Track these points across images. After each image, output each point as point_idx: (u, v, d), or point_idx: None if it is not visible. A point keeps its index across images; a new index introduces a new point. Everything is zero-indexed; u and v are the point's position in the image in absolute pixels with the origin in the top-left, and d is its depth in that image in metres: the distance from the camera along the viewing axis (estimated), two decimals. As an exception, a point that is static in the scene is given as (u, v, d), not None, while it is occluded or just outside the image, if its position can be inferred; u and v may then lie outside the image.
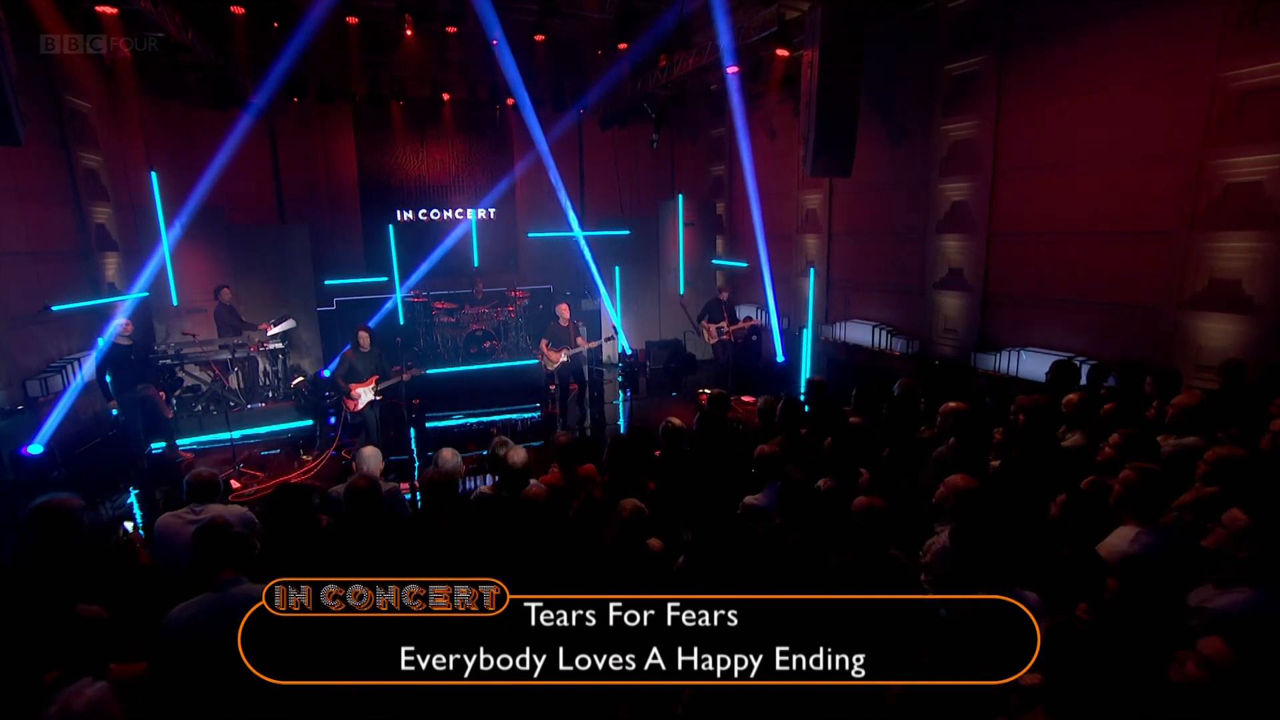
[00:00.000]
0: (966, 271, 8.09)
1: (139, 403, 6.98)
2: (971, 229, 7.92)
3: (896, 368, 9.14)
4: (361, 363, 7.07)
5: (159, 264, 9.30)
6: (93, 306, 8.65)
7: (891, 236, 9.36)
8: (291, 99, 11.43)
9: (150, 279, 9.23)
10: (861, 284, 10.09)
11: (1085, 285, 6.74)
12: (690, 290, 11.96)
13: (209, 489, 3.29)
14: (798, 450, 3.97)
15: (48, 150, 8.39)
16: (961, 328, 8.23)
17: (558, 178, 11.29)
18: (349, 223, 12.72)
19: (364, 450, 3.81)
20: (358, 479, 3.04)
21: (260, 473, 6.89)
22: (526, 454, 3.47)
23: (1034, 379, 7.10)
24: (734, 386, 9.87)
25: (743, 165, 10.68)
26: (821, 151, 7.89)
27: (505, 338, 11.08)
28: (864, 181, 9.23)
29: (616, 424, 8.92)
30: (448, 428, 8.92)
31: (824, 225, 10.63)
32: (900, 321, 9.37)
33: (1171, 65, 5.81)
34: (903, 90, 8.78)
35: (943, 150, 8.13)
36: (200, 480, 3.30)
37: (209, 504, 3.21)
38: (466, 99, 12.51)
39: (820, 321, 10.68)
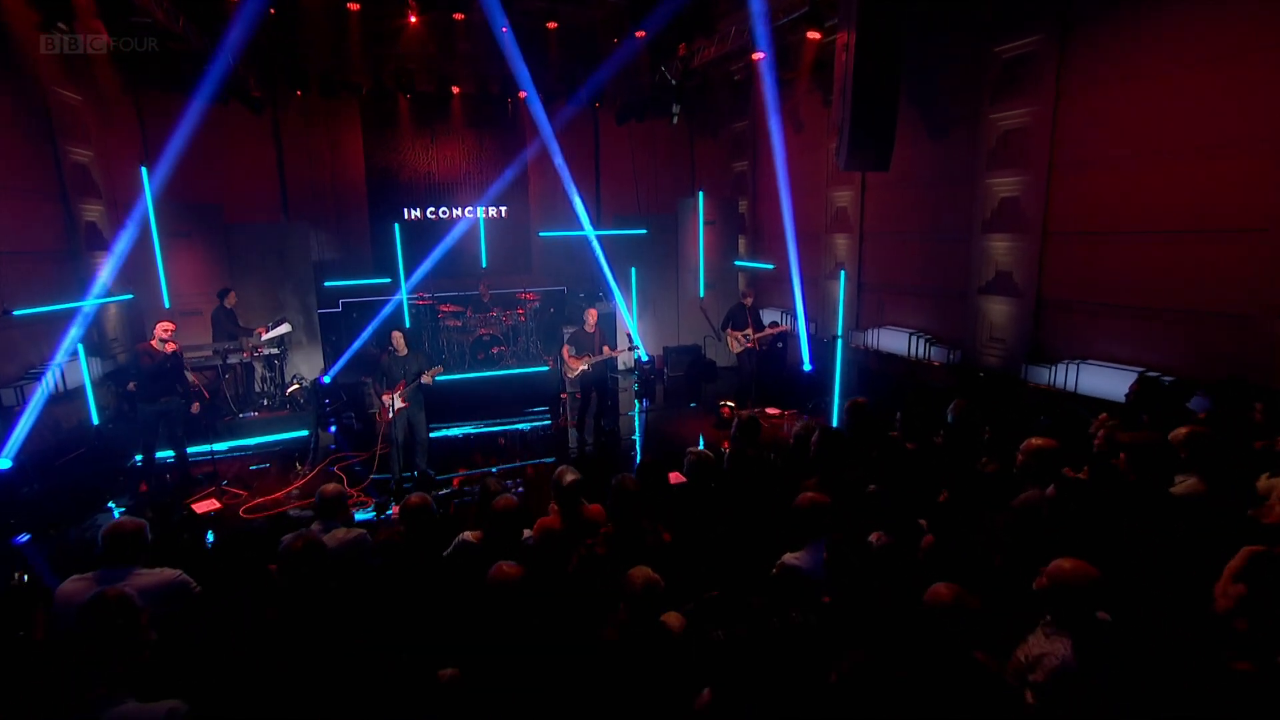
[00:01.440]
0: (1016, 275, 7.34)
1: (161, 416, 6.35)
2: (1023, 228, 7.16)
3: (936, 379, 8.42)
4: (398, 368, 6.32)
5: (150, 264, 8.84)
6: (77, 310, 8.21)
7: (930, 236, 8.62)
8: (295, 92, 10.96)
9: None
10: (896, 287, 9.36)
11: (1158, 290, 5.97)
12: (711, 293, 11.29)
13: (127, 546, 2.64)
14: (839, 491, 3.31)
15: (32, 144, 7.96)
16: (1010, 337, 7.48)
17: (568, 174, 10.66)
18: (356, 222, 12.23)
19: (326, 487, 3.21)
20: (295, 539, 2.43)
21: (245, 490, 6.36)
22: (515, 501, 2.84)
23: (1096, 395, 6.35)
24: (757, 397, 9.19)
25: (770, 159, 10.02)
26: (857, 143, 7.18)
27: (514, 343, 10.51)
28: (900, 177, 8.51)
29: (631, 438, 8.28)
30: (454, 439, 8.36)
31: (855, 224, 9.91)
32: (940, 329, 8.63)
33: (1267, 38, 5.04)
34: (945, 76, 8.04)
35: (990, 141, 7.38)
36: (117, 535, 2.63)
37: (133, 567, 2.62)
38: (476, 93, 11.97)
39: (850, 327, 9.96)
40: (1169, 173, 5.79)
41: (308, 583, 2.36)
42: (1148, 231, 6.00)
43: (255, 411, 8.20)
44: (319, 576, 2.38)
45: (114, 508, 6.49)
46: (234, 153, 10.93)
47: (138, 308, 9.17)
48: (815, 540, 2.96)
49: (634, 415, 9.14)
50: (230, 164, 10.88)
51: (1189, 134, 5.61)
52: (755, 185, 12.36)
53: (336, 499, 3.16)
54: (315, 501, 3.16)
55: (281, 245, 9.62)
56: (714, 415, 8.75)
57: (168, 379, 6.24)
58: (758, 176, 12.26)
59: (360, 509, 6.07)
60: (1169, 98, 5.72)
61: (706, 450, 3.71)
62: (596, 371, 7.60)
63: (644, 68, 11.61)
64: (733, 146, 12.90)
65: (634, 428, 8.75)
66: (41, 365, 7.78)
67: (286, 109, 11.26)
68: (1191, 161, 5.62)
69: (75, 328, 6.07)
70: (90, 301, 7.06)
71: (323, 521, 3.12)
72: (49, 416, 7.66)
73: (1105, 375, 6.26)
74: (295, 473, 6.92)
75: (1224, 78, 5.34)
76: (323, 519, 3.13)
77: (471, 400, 9.27)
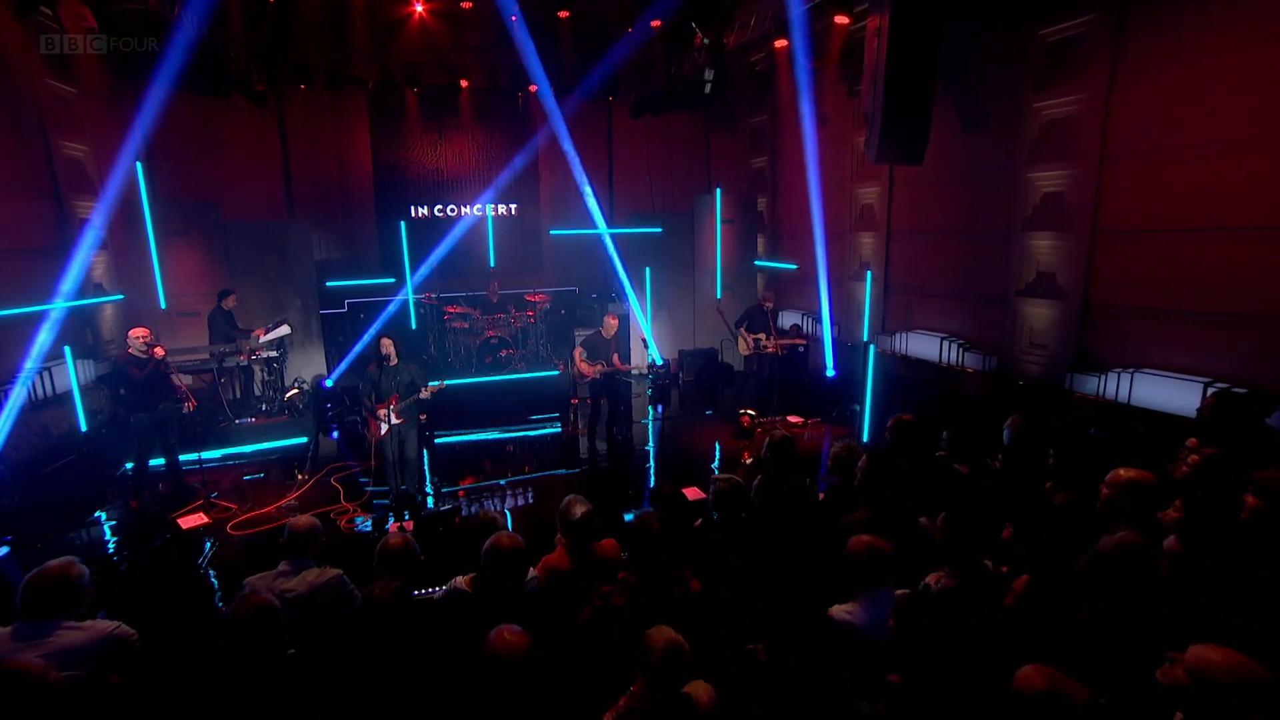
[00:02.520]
0: (1060, 276, 6.82)
1: (156, 425, 5.96)
2: (1068, 225, 6.64)
3: (970, 387, 7.91)
4: (386, 379, 5.65)
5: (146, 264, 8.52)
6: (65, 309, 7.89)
7: (964, 235, 8.10)
8: (299, 86, 10.62)
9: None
10: (926, 289, 8.84)
11: (1226, 293, 5.44)
12: (729, 294, 10.82)
13: (53, 595, 2.22)
14: (893, 528, 2.85)
15: (21, 137, 7.65)
16: (1052, 342, 6.96)
17: (580, 168, 10.23)
18: (363, 219, 11.88)
19: (297, 521, 2.77)
20: (241, 601, 1.99)
21: (235, 504, 5.98)
22: (518, 542, 2.40)
23: (1152, 408, 5.83)
24: (779, 404, 8.72)
25: (791, 154, 9.56)
26: (889, 135, 6.71)
27: (523, 346, 10.09)
28: (932, 172, 7.99)
29: (645, 448, 7.84)
30: (460, 445, 7.96)
31: (882, 223, 9.40)
32: (974, 333, 8.12)
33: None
34: (982, 63, 7.52)
35: (1032, 132, 6.87)
36: (39, 585, 2.22)
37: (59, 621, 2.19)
38: (486, 86, 11.57)
39: (876, 331, 9.46)
40: (1240, 164, 5.26)
41: (258, 653, 1.94)
42: (1214, 228, 5.47)
43: (252, 418, 7.84)
44: (271, 645, 1.96)
45: (102, 518, 6.14)
46: (236, 149, 10.61)
47: (134, 309, 8.85)
48: (870, 590, 2.51)
49: (648, 423, 8.69)
50: (232, 160, 10.57)
51: (1263, 120, 5.08)
52: (774, 182, 11.87)
53: (308, 535, 2.73)
54: (284, 537, 2.75)
55: (282, 244, 9.26)
56: (732, 423, 8.29)
57: (162, 385, 5.89)
58: (777, 172, 11.76)
59: (359, 522, 5.70)
60: (1241, 79, 5.19)
61: (735, 476, 3.25)
62: (609, 380, 7.16)
63: (659, 60, 11.17)
64: (751, 141, 12.42)
65: (647, 436, 8.31)
66: (30, 368, 7.46)
67: (291, 103, 10.92)
68: (1266, 151, 5.09)
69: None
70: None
71: (292, 561, 2.71)
72: (37, 422, 7.35)
73: (1164, 386, 5.74)
74: (291, 483, 6.55)
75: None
76: (292, 558, 2.71)
77: (478, 406, 8.87)
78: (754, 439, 7.85)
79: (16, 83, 7.39)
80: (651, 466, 7.33)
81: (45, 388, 7.43)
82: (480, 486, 6.55)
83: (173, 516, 5.79)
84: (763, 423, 8.17)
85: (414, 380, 5.71)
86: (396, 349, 5.69)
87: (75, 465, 7.09)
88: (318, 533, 2.79)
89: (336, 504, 6.02)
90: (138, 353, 5.71)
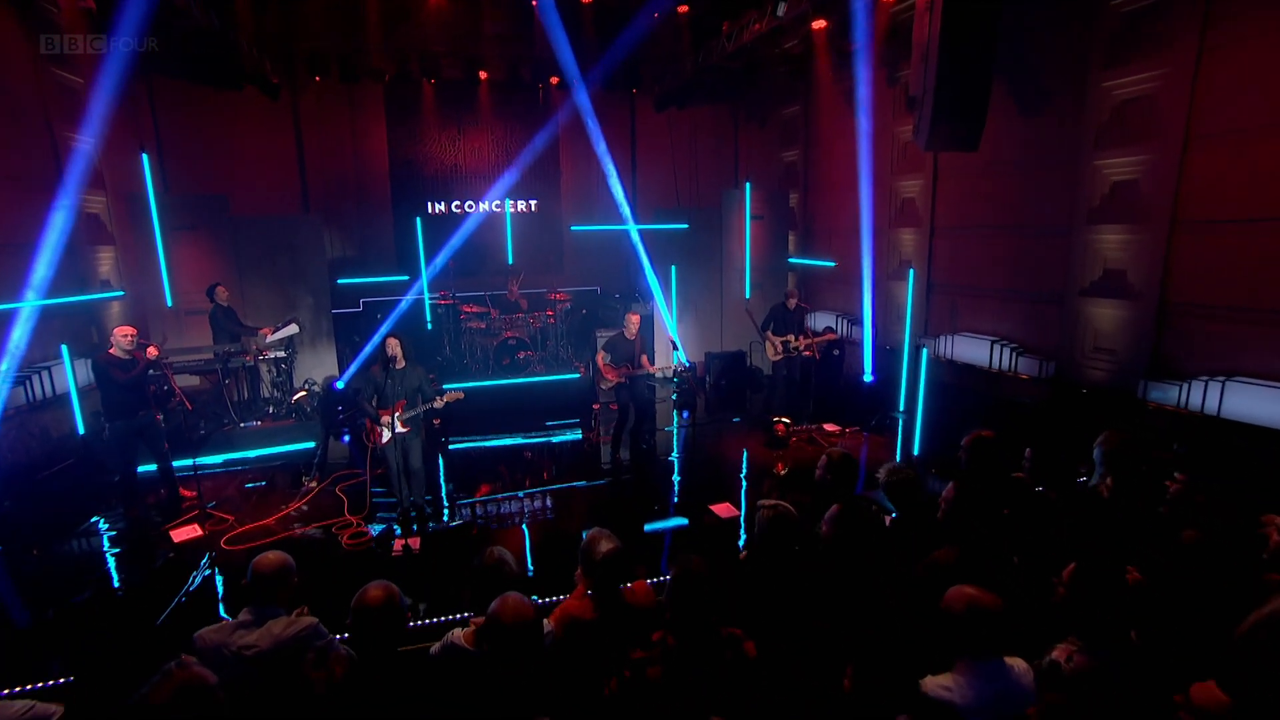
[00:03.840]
0: (1132, 273, 6.18)
1: (137, 433, 5.51)
2: (1142, 217, 6.00)
3: (1024, 394, 7.27)
4: (392, 383, 5.18)
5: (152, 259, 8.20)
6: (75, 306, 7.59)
7: (1018, 230, 7.47)
8: (314, 78, 10.29)
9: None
10: (974, 289, 8.21)
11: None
12: (758, 294, 10.26)
13: None
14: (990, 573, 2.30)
15: (28, 128, 7.36)
16: (1122, 346, 6.31)
17: (609, 160, 9.72)
18: (379, 215, 11.53)
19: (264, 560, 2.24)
20: (162, 682, 1.49)
21: (231, 515, 5.57)
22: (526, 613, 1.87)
23: (1248, 421, 5.17)
24: (815, 411, 8.15)
25: (825, 147, 8.99)
26: (942, 118, 6.11)
27: (543, 347, 9.63)
28: (983, 161, 7.40)
29: (669, 458, 7.31)
30: (475, 452, 7.51)
31: (924, 218, 8.79)
32: (1028, 336, 7.47)
33: None
34: (1042, 38, 6.89)
35: (1102, 115, 6.24)
36: None
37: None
38: (505, 79, 11.16)
39: (918, 334, 8.84)
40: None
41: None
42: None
43: (258, 421, 7.46)
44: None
45: (100, 523, 5.78)
46: (247, 142, 10.32)
47: (141, 306, 8.56)
48: (974, 658, 1.96)
49: (672, 430, 8.16)
50: (242, 154, 10.28)
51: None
52: (807, 176, 11.28)
53: (276, 576, 2.25)
54: (247, 577, 2.27)
55: (293, 239, 8.91)
56: (763, 431, 7.75)
57: (144, 390, 5.49)
58: (810, 166, 11.17)
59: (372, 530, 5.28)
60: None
61: (784, 503, 2.71)
62: (636, 384, 6.64)
63: (686, 51, 10.66)
64: (782, 134, 11.84)
65: (672, 445, 7.78)
66: (29, 367, 7.16)
67: (305, 96, 10.60)
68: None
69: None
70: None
71: (256, 608, 2.23)
72: (36, 424, 7.04)
73: (1264, 397, 5.08)
74: (294, 492, 6.14)
75: None
76: (256, 603, 2.23)
77: (495, 410, 8.41)
78: (788, 448, 7.31)
79: (22, 71, 7.11)
80: (678, 479, 6.80)
81: (46, 387, 7.13)
82: (496, 499, 6.08)
83: (166, 528, 5.39)
84: (797, 431, 7.61)
85: (421, 386, 5.24)
86: (405, 350, 5.22)
87: (73, 470, 6.78)
88: (289, 572, 2.30)
89: (340, 516, 5.58)
90: (121, 353, 5.31)
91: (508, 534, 5.40)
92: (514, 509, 5.87)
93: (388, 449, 5.24)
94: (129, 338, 5.39)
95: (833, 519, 2.59)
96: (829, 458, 3.06)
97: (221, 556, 4.99)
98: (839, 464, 3.02)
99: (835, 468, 2.96)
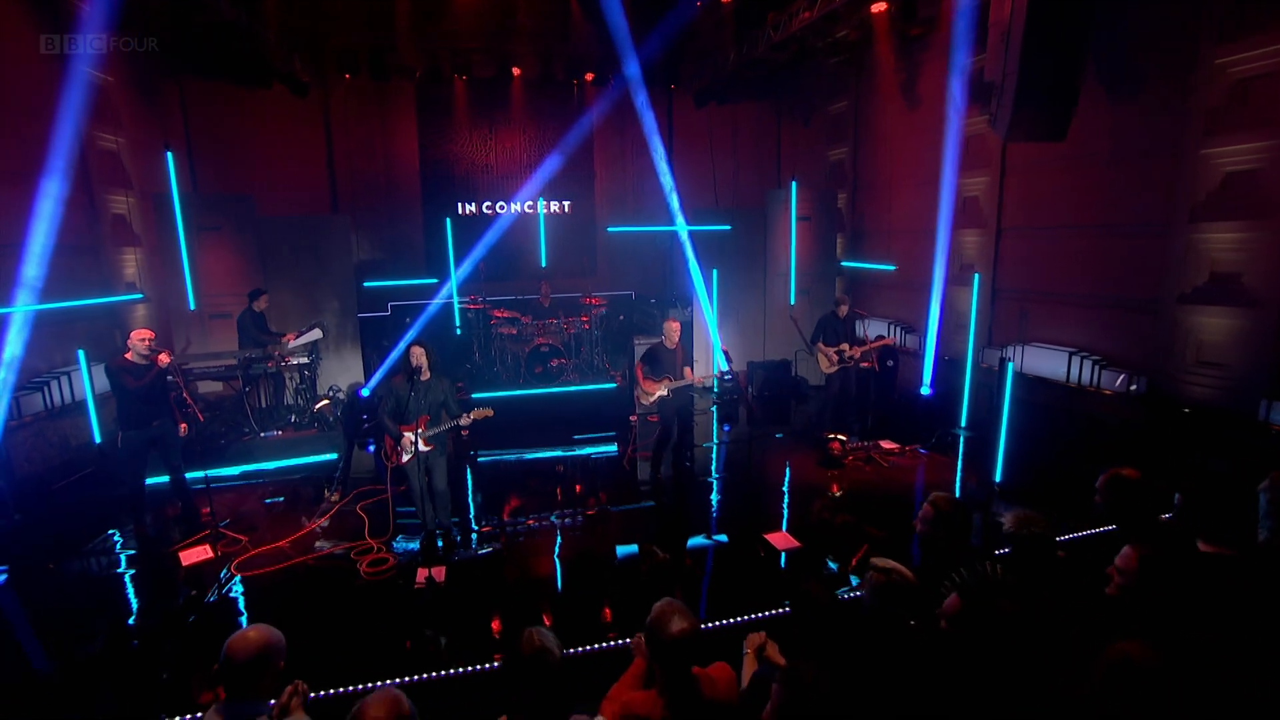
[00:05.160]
0: (1249, 277, 5.44)
1: (151, 444, 5.11)
2: (1264, 212, 5.27)
3: (1108, 412, 6.53)
4: (416, 397, 4.63)
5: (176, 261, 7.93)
6: (96, 309, 7.35)
7: (1102, 229, 6.76)
8: (344, 75, 10.02)
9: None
10: (1047, 295, 7.49)
11: None
12: (804, 300, 9.64)
13: None
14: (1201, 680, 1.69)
15: (52, 126, 7.13)
16: (1236, 360, 5.56)
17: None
18: (409, 216, 11.21)
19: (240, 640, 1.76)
20: None
21: (245, 536, 5.17)
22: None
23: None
24: (873, 425, 7.50)
25: (876, 143, 8.32)
26: (1025, 105, 5.47)
27: (576, 355, 9.14)
28: (1060, 154, 6.74)
29: (708, 478, 6.72)
30: (504, 466, 7.04)
31: (990, 217, 8.09)
32: (1114, 348, 6.74)
33: None
34: (1136, 13, 6.17)
35: (1215, 96, 5.52)
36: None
37: None
38: (538, 76, 10.75)
39: (981, 344, 8.13)
40: None
41: None
42: None
43: (279, 430, 7.11)
44: None
45: (116, 536, 5.43)
46: (277, 142, 10.08)
47: (164, 309, 8.31)
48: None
49: (714, 446, 7.58)
50: (269, 153, 10.05)
51: None
52: (856, 174, 10.63)
53: (254, 666, 1.74)
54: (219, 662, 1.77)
55: (319, 240, 8.57)
56: (810, 447, 7.13)
57: (162, 399, 5.13)
58: (860, 164, 10.52)
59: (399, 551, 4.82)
60: None
61: (900, 567, 2.13)
62: (679, 397, 6.09)
63: (728, 42, 10.12)
64: (829, 131, 11.21)
65: (710, 462, 7.19)
66: (49, 372, 6.92)
67: (335, 94, 10.33)
68: None
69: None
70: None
71: (229, 707, 1.73)
72: (55, 431, 6.79)
73: None
74: (313, 509, 5.73)
75: None
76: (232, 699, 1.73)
77: (526, 421, 7.94)
78: (844, 468, 6.68)
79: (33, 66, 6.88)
80: (719, 499, 6.22)
81: (66, 393, 6.87)
82: (527, 522, 5.58)
83: (175, 548, 5.01)
84: (854, 450, 6.98)
85: (447, 400, 4.76)
86: (430, 360, 4.74)
87: (90, 480, 6.49)
88: (270, 655, 1.80)
89: (359, 540, 5.13)
90: (138, 358, 4.96)
91: (539, 560, 4.90)
92: (547, 529, 5.36)
93: (409, 468, 4.78)
94: (145, 342, 5.04)
95: (956, 612, 1.92)
96: (936, 508, 2.46)
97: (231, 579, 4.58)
98: (950, 516, 2.42)
99: (946, 521, 2.36)
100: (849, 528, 5.27)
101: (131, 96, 8.39)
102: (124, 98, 8.21)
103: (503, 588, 4.52)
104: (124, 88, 8.20)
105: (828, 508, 5.74)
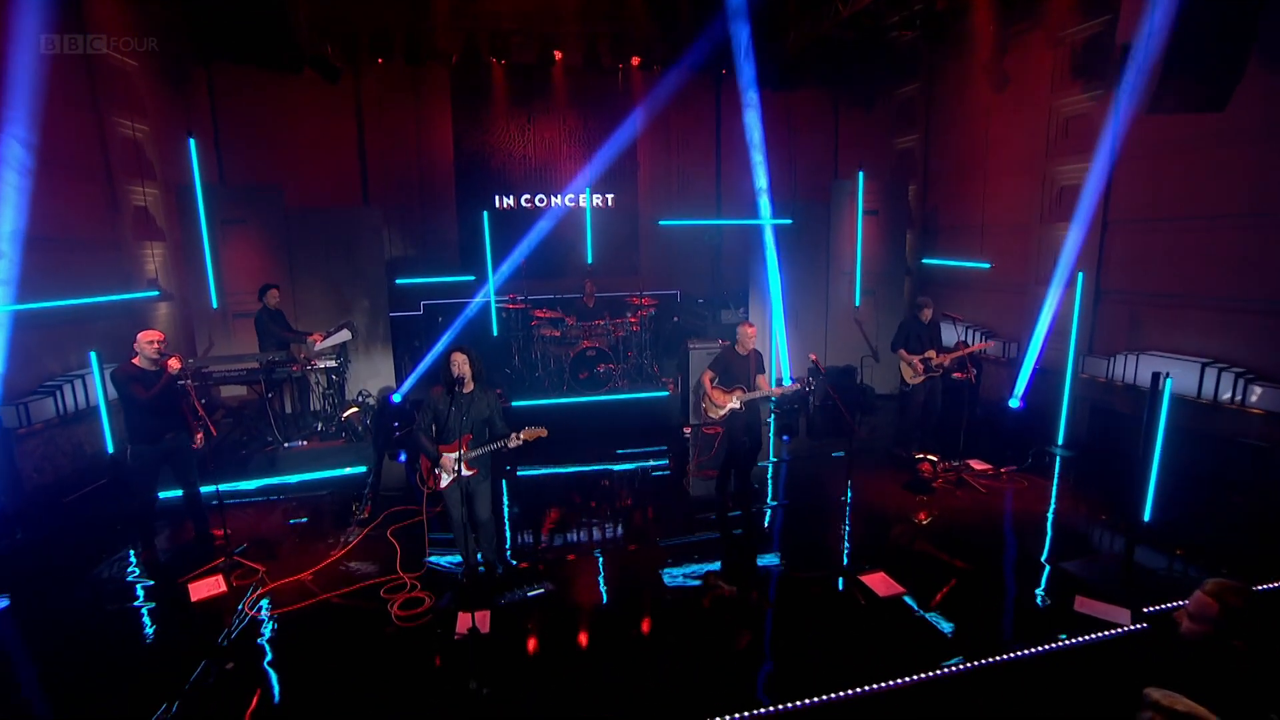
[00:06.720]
0: None
1: (163, 459, 4.57)
2: None
3: (1257, 436, 5.58)
4: (457, 411, 3.96)
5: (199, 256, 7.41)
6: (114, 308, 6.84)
7: (1245, 220, 5.82)
8: (376, 60, 9.44)
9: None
10: (1168, 297, 6.55)
11: None
12: (869, 301, 8.80)
13: None
14: None
15: (71, 113, 6.66)
16: None
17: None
18: (442, 209, 10.60)
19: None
20: None
21: (262, 565, 4.54)
22: None
23: None
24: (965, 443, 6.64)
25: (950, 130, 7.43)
26: (1175, 73, 4.61)
27: (624, 359, 8.42)
28: (1193, 132, 5.82)
29: (769, 504, 5.92)
30: (546, 482, 6.37)
31: (1094, 208, 7.14)
32: (1256, 359, 5.79)
33: None
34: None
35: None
36: None
37: None
38: (581, 61, 10.05)
39: (1082, 352, 7.21)
40: None
41: None
42: None
43: (303, 441, 6.52)
44: None
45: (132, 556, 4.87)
46: (306, 130, 9.54)
47: (186, 308, 7.81)
48: None
49: (767, 465, 6.75)
50: (297, 142, 9.50)
51: None
52: (927, 164, 9.74)
53: None
54: None
55: (350, 234, 8.00)
56: (882, 464, 6.33)
57: (173, 409, 4.55)
58: (932, 153, 9.63)
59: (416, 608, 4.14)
60: None
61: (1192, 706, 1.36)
62: (750, 411, 5.32)
63: (791, 19, 9.31)
64: (896, 118, 10.33)
65: (767, 482, 6.39)
66: (63, 374, 6.42)
67: (367, 79, 9.76)
68: None
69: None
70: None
71: None
72: (68, 439, 6.28)
73: None
74: (340, 532, 5.10)
75: None
76: None
77: (570, 432, 7.24)
78: (934, 493, 5.85)
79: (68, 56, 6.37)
80: (775, 533, 5.44)
81: (79, 399, 6.38)
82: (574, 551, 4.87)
83: (184, 579, 4.41)
84: (945, 472, 6.14)
85: (492, 417, 4.04)
86: (474, 370, 4.03)
87: (104, 493, 5.97)
88: None
89: (391, 574, 4.47)
90: (146, 363, 4.38)
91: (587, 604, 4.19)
92: (593, 559, 4.66)
93: (448, 495, 4.10)
94: (154, 345, 4.46)
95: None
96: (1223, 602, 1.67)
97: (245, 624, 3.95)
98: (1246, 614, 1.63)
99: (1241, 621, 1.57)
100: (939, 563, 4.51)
101: (156, 84, 7.91)
102: (149, 85, 7.73)
103: (556, 636, 3.82)
104: (149, 74, 7.72)
105: (908, 534, 4.99)
